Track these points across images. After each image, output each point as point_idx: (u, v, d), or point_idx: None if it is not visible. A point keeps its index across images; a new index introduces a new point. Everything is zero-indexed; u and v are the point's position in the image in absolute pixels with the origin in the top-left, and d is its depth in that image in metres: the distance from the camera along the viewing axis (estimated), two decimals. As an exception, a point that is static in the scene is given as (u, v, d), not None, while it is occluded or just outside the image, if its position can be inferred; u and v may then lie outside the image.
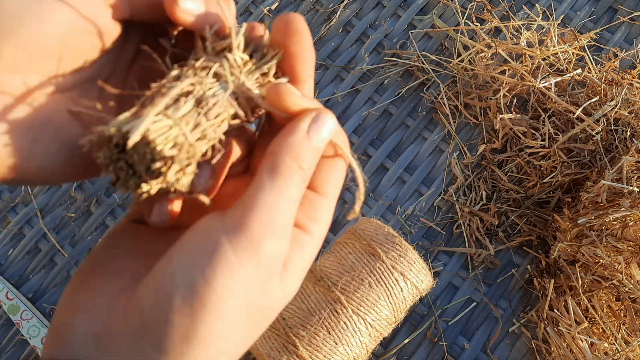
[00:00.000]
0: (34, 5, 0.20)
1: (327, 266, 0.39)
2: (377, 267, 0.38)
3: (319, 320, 0.36)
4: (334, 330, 0.36)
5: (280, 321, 0.37)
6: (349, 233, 0.41)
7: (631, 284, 0.39)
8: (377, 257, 0.38)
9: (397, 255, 0.38)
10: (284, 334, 0.36)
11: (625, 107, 0.47)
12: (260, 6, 0.58)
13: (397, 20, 0.57)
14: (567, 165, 0.46)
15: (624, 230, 0.40)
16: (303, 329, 0.36)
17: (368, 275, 0.38)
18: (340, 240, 0.41)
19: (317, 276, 0.38)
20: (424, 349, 0.44)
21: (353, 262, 0.38)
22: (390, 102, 0.53)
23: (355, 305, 0.37)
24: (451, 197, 0.49)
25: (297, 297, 0.38)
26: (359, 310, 0.37)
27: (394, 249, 0.38)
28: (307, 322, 0.36)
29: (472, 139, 0.51)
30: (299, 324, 0.37)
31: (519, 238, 0.47)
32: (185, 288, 0.18)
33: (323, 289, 0.37)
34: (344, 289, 0.37)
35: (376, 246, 0.38)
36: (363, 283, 0.37)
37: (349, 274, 0.38)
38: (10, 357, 0.44)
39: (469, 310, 0.45)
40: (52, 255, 0.47)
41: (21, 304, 0.44)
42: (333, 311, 0.37)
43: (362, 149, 0.51)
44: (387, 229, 0.39)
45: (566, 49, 0.51)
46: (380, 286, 0.38)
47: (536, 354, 0.43)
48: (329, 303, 0.37)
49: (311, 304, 0.37)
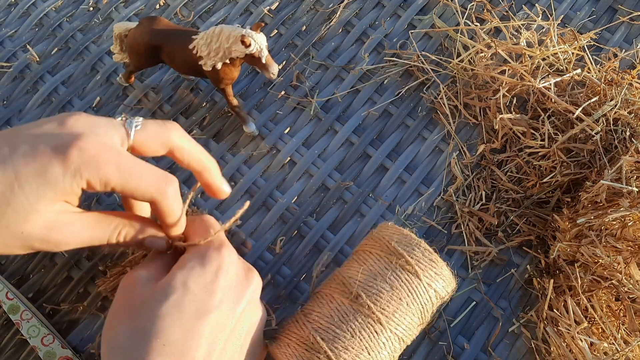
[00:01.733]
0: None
1: (361, 280, 0.38)
2: (415, 287, 0.37)
3: (360, 342, 0.36)
4: (374, 350, 0.36)
5: (319, 342, 0.36)
6: (378, 242, 0.40)
7: (630, 283, 0.39)
8: (414, 274, 0.38)
9: (433, 274, 0.38)
10: (323, 353, 0.36)
11: (625, 107, 0.47)
12: (260, 6, 0.58)
13: (397, 20, 0.57)
14: (567, 165, 0.46)
15: (624, 230, 0.41)
16: (344, 351, 0.36)
17: (406, 294, 0.37)
18: (366, 249, 0.40)
19: (354, 293, 0.37)
20: (424, 349, 0.44)
21: (392, 280, 0.38)
22: (390, 102, 0.53)
23: (394, 325, 0.37)
24: (451, 197, 0.49)
25: (334, 316, 0.37)
26: (396, 331, 0.37)
27: (430, 267, 0.38)
28: (346, 342, 0.36)
29: (471, 139, 0.51)
30: (340, 346, 0.36)
31: (519, 238, 0.47)
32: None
33: (362, 308, 0.37)
34: (383, 310, 0.37)
35: (414, 264, 0.38)
36: (402, 303, 0.37)
37: (388, 293, 0.37)
38: (10, 357, 0.44)
39: (469, 310, 0.45)
40: (52, 255, 0.47)
41: (21, 304, 0.44)
42: (373, 332, 0.36)
43: (362, 149, 0.51)
44: (423, 244, 0.39)
45: (566, 49, 0.51)
46: (416, 305, 0.37)
47: (536, 354, 0.43)
48: (369, 324, 0.36)
49: (350, 324, 0.36)
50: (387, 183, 0.50)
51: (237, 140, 0.52)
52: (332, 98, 0.53)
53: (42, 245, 0.32)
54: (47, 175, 0.30)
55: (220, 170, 0.50)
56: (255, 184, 0.50)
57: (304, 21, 0.57)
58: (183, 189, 0.50)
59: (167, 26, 0.46)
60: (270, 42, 0.56)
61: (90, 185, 0.32)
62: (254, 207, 0.49)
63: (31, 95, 0.54)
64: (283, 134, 0.52)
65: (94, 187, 0.32)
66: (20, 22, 0.58)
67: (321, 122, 0.52)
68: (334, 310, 0.37)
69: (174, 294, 0.33)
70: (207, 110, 0.53)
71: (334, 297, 0.38)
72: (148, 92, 0.54)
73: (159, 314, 0.32)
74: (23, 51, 0.56)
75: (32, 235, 0.32)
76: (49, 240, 0.32)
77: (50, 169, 0.30)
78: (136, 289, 0.35)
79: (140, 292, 0.34)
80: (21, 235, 0.31)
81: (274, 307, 0.46)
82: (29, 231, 0.31)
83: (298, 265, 0.47)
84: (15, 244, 0.32)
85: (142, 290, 0.34)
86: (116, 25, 0.49)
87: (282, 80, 0.54)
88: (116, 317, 0.34)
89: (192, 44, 0.44)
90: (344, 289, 0.38)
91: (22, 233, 0.31)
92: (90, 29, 0.57)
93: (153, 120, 0.37)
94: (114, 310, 0.35)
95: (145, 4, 0.58)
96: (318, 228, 0.48)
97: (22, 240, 0.32)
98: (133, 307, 0.34)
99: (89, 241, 0.34)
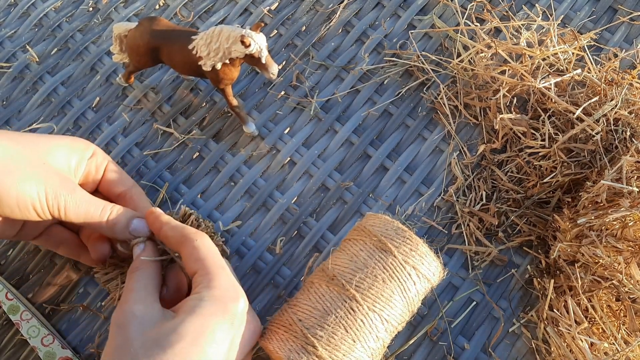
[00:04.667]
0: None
1: (339, 264, 0.39)
2: (390, 263, 0.38)
3: (335, 319, 0.36)
4: (352, 328, 0.36)
5: (297, 323, 0.37)
6: (357, 230, 0.41)
7: (631, 284, 0.39)
8: (388, 252, 0.38)
9: (408, 250, 0.38)
10: (302, 336, 0.36)
11: (625, 107, 0.47)
12: (260, 6, 0.58)
13: (397, 20, 0.57)
14: (567, 166, 0.46)
15: (624, 230, 0.40)
16: (320, 329, 0.36)
17: (381, 271, 0.38)
18: (349, 237, 0.41)
19: (330, 275, 0.38)
20: (424, 349, 0.44)
21: (365, 258, 0.38)
22: (390, 102, 0.53)
23: (370, 302, 0.37)
24: (451, 197, 0.49)
25: (312, 298, 0.38)
26: (374, 307, 0.37)
27: (405, 244, 0.38)
28: (324, 322, 0.36)
29: (472, 139, 0.51)
30: (315, 324, 0.37)
31: (519, 238, 0.47)
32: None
33: (337, 287, 0.37)
34: (358, 287, 0.37)
35: (387, 241, 0.38)
36: (377, 279, 0.37)
37: (362, 271, 0.38)
38: (10, 357, 0.44)
39: (469, 310, 0.45)
40: (52, 255, 0.47)
41: (21, 304, 0.44)
42: (349, 309, 0.37)
43: (362, 149, 0.51)
44: (396, 223, 0.40)
45: (566, 49, 0.51)
46: (394, 281, 0.38)
47: (536, 354, 0.43)
48: (344, 301, 0.37)
49: (326, 304, 0.37)
50: (387, 183, 0.50)
51: (237, 140, 0.52)
52: (332, 98, 0.53)
53: (59, 187, 0.37)
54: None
55: (220, 170, 0.50)
56: (255, 184, 0.50)
57: (303, 21, 0.57)
58: (183, 189, 0.50)
59: (167, 26, 0.46)
60: (270, 42, 0.56)
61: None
62: (254, 208, 0.49)
63: (31, 96, 0.54)
64: (283, 134, 0.52)
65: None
66: (20, 22, 0.58)
67: (321, 122, 0.52)
68: (312, 294, 0.38)
69: (180, 343, 0.32)
70: (207, 110, 0.53)
71: (313, 283, 0.39)
72: (148, 93, 0.54)
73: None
74: (23, 51, 0.56)
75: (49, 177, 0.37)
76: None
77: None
78: (132, 328, 0.33)
79: (137, 333, 0.32)
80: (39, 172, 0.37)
81: (273, 308, 0.46)
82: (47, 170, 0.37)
83: (298, 265, 0.47)
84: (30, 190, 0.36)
85: (139, 331, 0.33)
86: (116, 26, 0.49)
87: (282, 80, 0.54)
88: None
89: (192, 44, 0.44)
90: (323, 274, 0.39)
91: (44, 164, 0.37)
92: (89, 30, 0.57)
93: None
94: (108, 352, 0.33)
95: (145, 5, 0.58)
96: (318, 228, 0.48)
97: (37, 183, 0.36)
98: (129, 349, 0.32)
99: (84, 214, 0.38)
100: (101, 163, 0.43)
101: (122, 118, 0.53)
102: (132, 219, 0.40)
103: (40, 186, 0.36)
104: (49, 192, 0.36)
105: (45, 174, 0.37)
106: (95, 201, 0.39)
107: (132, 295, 0.35)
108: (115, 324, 0.34)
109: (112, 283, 0.43)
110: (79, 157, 0.41)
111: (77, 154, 0.41)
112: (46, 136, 0.40)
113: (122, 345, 0.32)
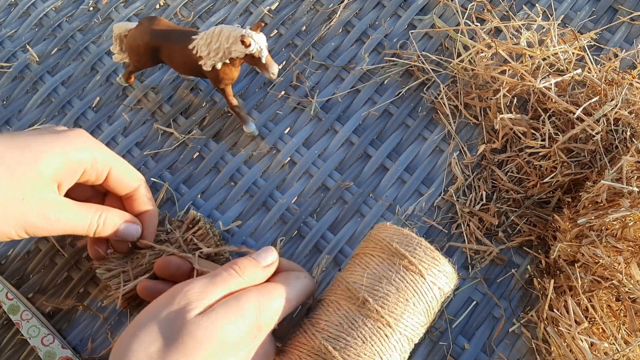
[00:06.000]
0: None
1: (368, 285, 0.37)
2: (420, 286, 0.37)
3: (371, 347, 0.36)
4: (385, 354, 0.36)
5: (331, 352, 0.36)
6: (378, 244, 0.40)
7: (631, 284, 0.39)
8: (418, 274, 0.38)
9: (437, 272, 0.38)
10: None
11: (625, 107, 0.47)
12: (260, 6, 0.58)
13: (397, 20, 0.57)
14: (567, 166, 0.46)
15: (624, 230, 0.40)
16: (357, 359, 0.36)
17: (413, 295, 0.37)
18: (367, 252, 0.40)
19: (361, 299, 0.37)
20: (424, 349, 0.44)
21: (397, 282, 0.37)
22: (391, 102, 0.53)
23: (402, 327, 0.37)
24: (451, 197, 0.49)
25: (344, 324, 0.37)
26: (406, 332, 0.37)
27: (433, 265, 0.38)
28: (361, 351, 0.36)
29: (472, 139, 0.51)
30: (352, 354, 0.36)
31: (519, 238, 0.47)
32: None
33: (370, 312, 0.37)
34: (391, 313, 0.37)
35: (417, 263, 0.38)
36: (408, 304, 0.37)
37: (395, 296, 0.37)
38: (10, 357, 0.44)
39: (470, 310, 0.45)
40: (52, 255, 0.47)
41: (21, 304, 0.44)
42: (384, 336, 0.36)
43: (362, 149, 0.51)
44: (424, 242, 0.39)
45: (566, 49, 0.51)
46: (422, 304, 0.38)
47: (536, 354, 0.43)
48: (379, 329, 0.36)
49: (360, 332, 0.36)
50: (388, 183, 0.50)
51: (237, 140, 0.52)
52: (332, 98, 0.53)
53: (38, 220, 0.36)
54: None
55: (221, 170, 0.50)
56: (255, 184, 0.50)
57: (304, 21, 0.57)
58: (183, 189, 0.50)
59: (167, 26, 0.46)
60: (270, 42, 0.56)
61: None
62: (254, 208, 0.49)
63: (31, 96, 0.54)
64: (283, 134, 0.52)
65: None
66: (20, 22, 0.58)
67: (321, 122, 0.52)
68: (342, 317, 0.37)
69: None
70: (207, 110, 0.53)
71: (340, 304, 0.38)
72: (148, 92, 0.54)
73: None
74: (23, 51, 0.56)
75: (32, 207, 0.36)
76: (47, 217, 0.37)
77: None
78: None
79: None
80: (22, 205, 0.36)
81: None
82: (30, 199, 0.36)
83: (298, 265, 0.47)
84: (19, 215, 0.36)
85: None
86: (116, 26, 0.49)
87: (282, 80, 0.54)
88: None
89: (192, 44, 0.44)
90: (350, 294, 0.38)
91: (24, 200, 0.36)
92: (90, 29, 0.57)
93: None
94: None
95: (145, 4, 0.58)
96: (318, 228, 0.48)
97: (21, 211, 0.36)
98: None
99: (73, 224, 0.38)
100: (102, 170, 0.41)
101: (122, 118, 0.53)
102: (121, 224, 0.41)
103: (18, 227, 0.36)
104: (29, 228, 0.36)
105: (24, 212, 0.36)
106: (82, 217, 0.39)
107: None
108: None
109: (114, 281, 0.43)
110: (73, 173, 0.39)
111: (71, 171, 0.39)
112: (36, 149, 0.37)
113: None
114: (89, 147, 0.40)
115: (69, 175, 0.39)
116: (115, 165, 0.42)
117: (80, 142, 0.39)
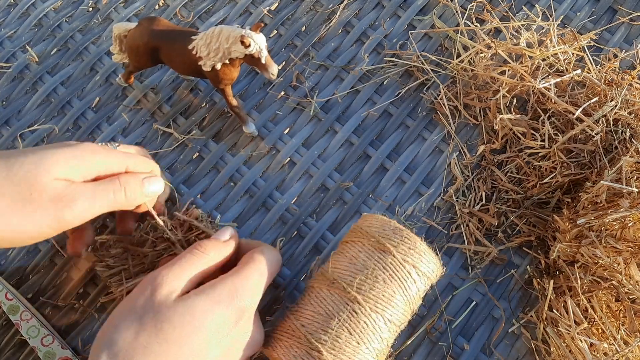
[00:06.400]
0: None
1: (339, 267, 0.39)
2: (389, 263, 0.38)
3: (338, 322, 0.36)
4: (355, 330, 0.36)
5: (299, 328, 0.37)
6: (354, 231, 0.41)
7: (630, 284, 0.39)
8: (387, 252, 0.38)
9: (407, 249, 0.38)
10: (305, 341, 0.36)
11: (625, 108, 0.47)
12: (260, 6, 0.58)
13: (397, 21, 0.57)
14: (567, 166, 0.46)
15: (624, 230, 0.40)
16: (324, 334, 0.36)
17: (381, 271, 0.38)
18: (346, 240, 0.41)
19: (330, 278, 0.38)
20: (424, 349, 0.44)
21: (364, 260, 0.38)
22: (390, 102, 0.53)
23: (372, 303, 0.37)
24: (451, 198, 0.49)
25: (313, 303, 0.38)
26: (376, 308, 0.37)
27: (403, 242, 0.38)
28: (327, 326, 0.36)
29: (471, 140, 0.51)
30: (319, 329, 0.36)
31: (519, 238, 0.47)
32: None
33: (338, 290, 0.37)
34: (359, 289, 0.37)
35: (385, 241, 0.38)
36: (377, 280, 0.37)
37: (362, 273, 0.38)
38: (10, 357, 0.44)
39: (469, 310, 0.45)
40: (52, 255, 0.47)
41: (21, 304, 0.44)
42: (352, 312, 0.37)
43: (361, 150, 0.51)
44: (393, 223, 0.40)
45: (566, 50, 0.51)
46: (394, 281, 0.38)
47: (536, 355, 0.43)
48: (346, 304, 0.37)
49: (329, 308, 0.37)
50: (387, 183, 0.50)
51: (237, 140, 0.52)
52: (332, 98, 0.53)
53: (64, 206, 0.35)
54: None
55: (220, 170, 0.50)
56: (255, 184, 0.50)
57: (303, 21, 0.57)
58: (183, 189, 0.50)
59: (167, 27, 0.46)
60: (270, 42, 0.56)
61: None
62: (254, 208, 0.49)
63: (30, 96, 0.54)
64: (283, 134, 0.52)
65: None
66: (20, 22, 0.58)
67: (321, 123, 0.52)
68: (313, 298, 0.38)
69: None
70: (207, 110, 0.53)
71: (314, 287, 0.39)
72: (147, 93, 0.54)
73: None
74: (22, 51, 0.56)
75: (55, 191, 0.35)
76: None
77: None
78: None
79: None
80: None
81: (273, 308, 0.46)
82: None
83: (298, 265, 0.47)
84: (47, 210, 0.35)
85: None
86: (115, 26, 0.49)
87: (282, 80, 0.54)
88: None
89: (192, 44, 0.44)
90: (323, 278, 0.39)
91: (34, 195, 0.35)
92: (89, 30, 0.57)
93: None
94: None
95: (145, 5, 0.58)
96: (318, 229, 0.48)
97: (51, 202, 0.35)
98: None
99: (99, 210, 0.37)
100: (118, 172, 0.40)
101: (122, 118, 0.53)
102: (144, 180, 0.40)
103: (49, 222, 0.36)
104: (58, 219, 0.36)
105: (43, 206, 0.35)
106: (102, 192, 0.38)
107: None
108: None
109: (114, 279, 0.43)
110: (87, 174, 0.38)
111: (86, 172, 0.38)
112: (42, 154, 0.36)
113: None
114: (99, 151, 0.39)
115: (82, 174, 0.38)
116: (129, 165, 0.41)
117: (90, 147, 0.39)
